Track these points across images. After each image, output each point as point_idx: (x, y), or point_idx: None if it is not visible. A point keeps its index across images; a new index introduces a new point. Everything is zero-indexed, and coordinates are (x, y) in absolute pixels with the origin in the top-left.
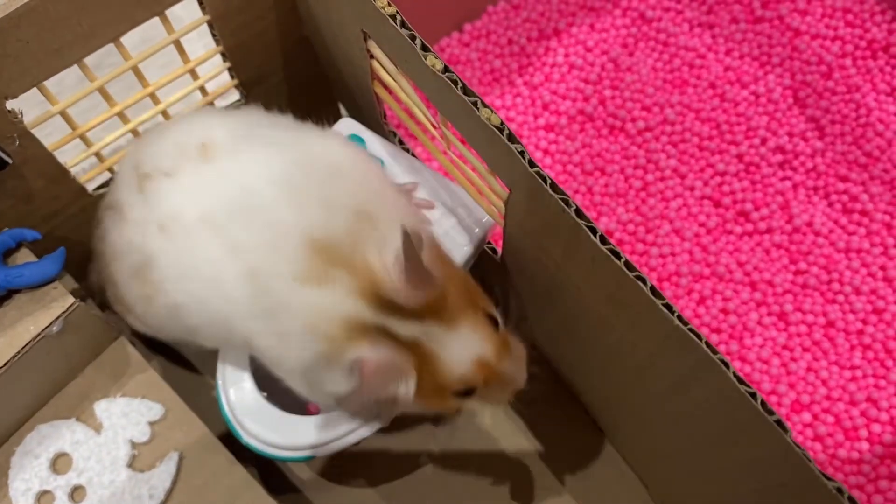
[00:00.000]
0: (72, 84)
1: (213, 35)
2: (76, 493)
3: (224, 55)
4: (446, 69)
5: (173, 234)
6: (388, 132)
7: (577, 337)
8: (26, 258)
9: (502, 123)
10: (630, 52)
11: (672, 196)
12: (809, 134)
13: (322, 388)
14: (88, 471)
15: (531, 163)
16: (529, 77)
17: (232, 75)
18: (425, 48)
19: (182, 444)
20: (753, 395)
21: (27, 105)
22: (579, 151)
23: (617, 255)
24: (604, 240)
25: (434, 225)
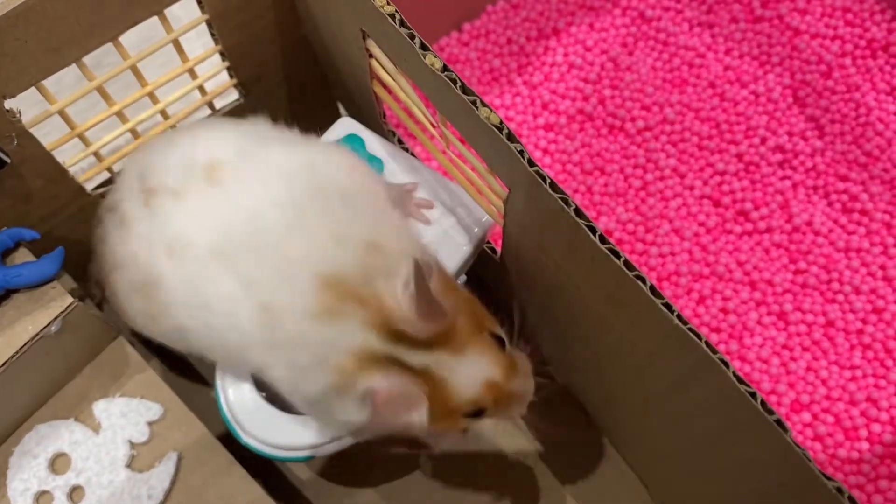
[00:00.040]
0: (71, 83)
1: (212, 34)
2: (75, 494)
3: (223, 54)
4: (445, 68)
5: (183, 261)
6: (388, 131)
7: (577, 336)
8: (25, 258)
9: (501, 122)
10: (629, 52)
11: (671, 195)
12: (809, 133)
13: (335, 417)
14: (87, 471)
15: (530, 162)
16: (529, 76)
17: (231, 75)
18: (424, 47)
19: (181, 445)
20: (753, 395)
21: (25, 104)
22: (579, 151)
23: (616, 255)
24: (603, 239)
25: (433, 224)
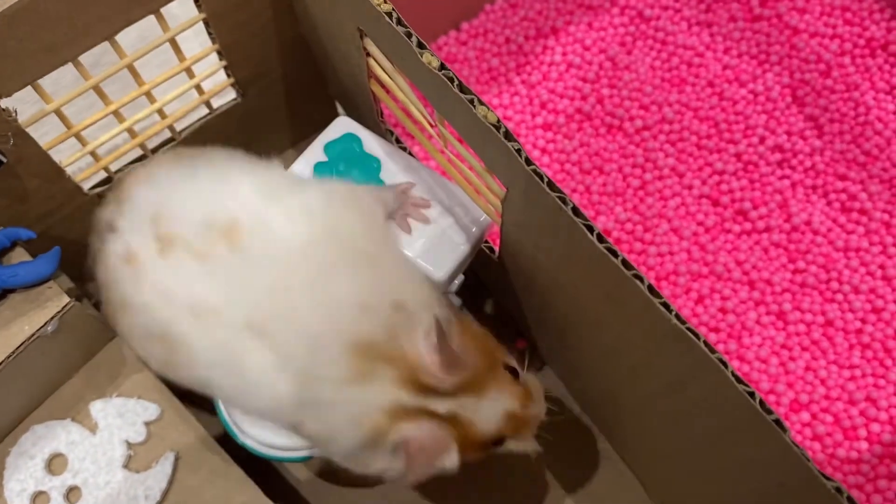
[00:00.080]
0: (69, 83)
1: (209, 33)
2: (71, 494)
3: (220, 53)
4: (443, 67)
5: (211, 327)
6: (385, 131)
7: (575, 336)
8: (21, 258)
9: (499, 121)
10: (628, 51)
11: (670, 195)
12: (808, 132)
13: (368, 466)
14: (84, 471)
15: (528, 161)
16: (527, 76)
17: (228, 74)
18: (421, 46)
19: (178, 445)
20: (752, 395)
21: (22, 104)
22: (577, 150)
23: (614, 254)
24: (601, 238)
25: (431, 224)
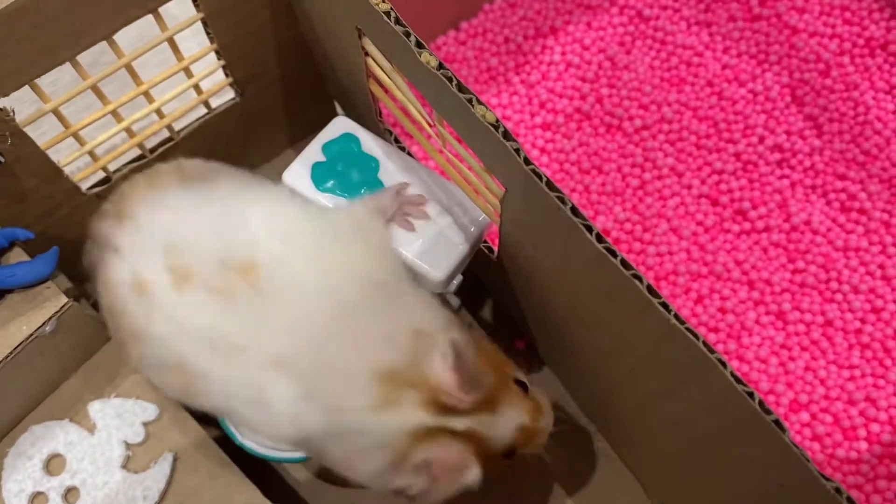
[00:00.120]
0: (67, 83)
1: (208, 33)
2: (70, 495)
3: (218, 53)
4: (441, 66)
5: (234, 362)
6: (384, 130)
7: (574, 336)
8: (19, 258)
9: (497, 121)
10: (627, 51)
11: (669, 195)
12: (807, 132)
13: (390, 486)
14: (82, 472)
15: (526, 160)
16: (526, 75)
17: (226, 73)
18: (420, 45)
19: (176, 445)
20: (751, 395)
21: (20, 103)
22: (576, 150)
23: (613, 254)
24: (600, 238)
25: (430, 224)
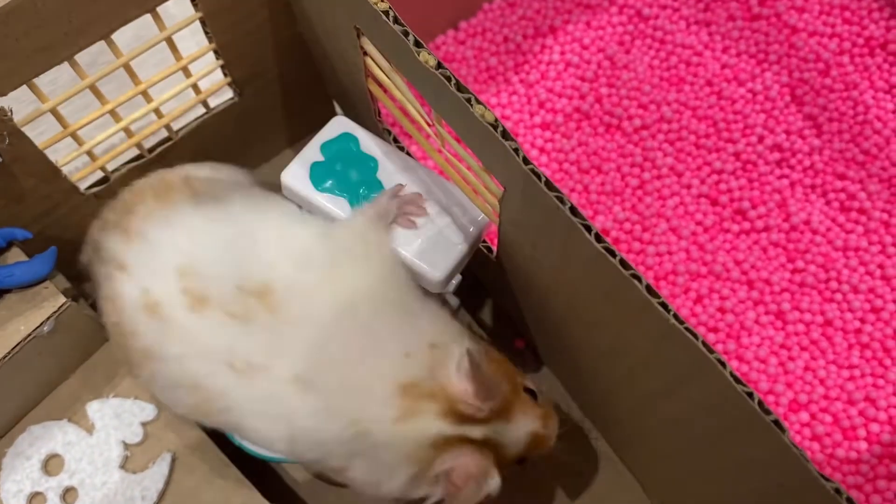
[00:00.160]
0: (65, 83)
1: (206, 32)
2: (68, 495)
3: (217, 53)
4: (440, 66)
5: (254, 380)
6: (383, 130)
7: (573, 335)
8: (17, 258)
9: (496, 120)
10: (626, 50)
11: (669, 194)
12: (807, 132)
13: (409, 496)
14: (80, 472)
15: (525, 160)
16: (525, 75)
17: (225, 73)
18: (418, 44)
19: (175, 445)
20: (750, 395)
21: (17, 103)
22: (575, 149)
23: (612, 254)
24: (599, 238)
25: (429, 223)
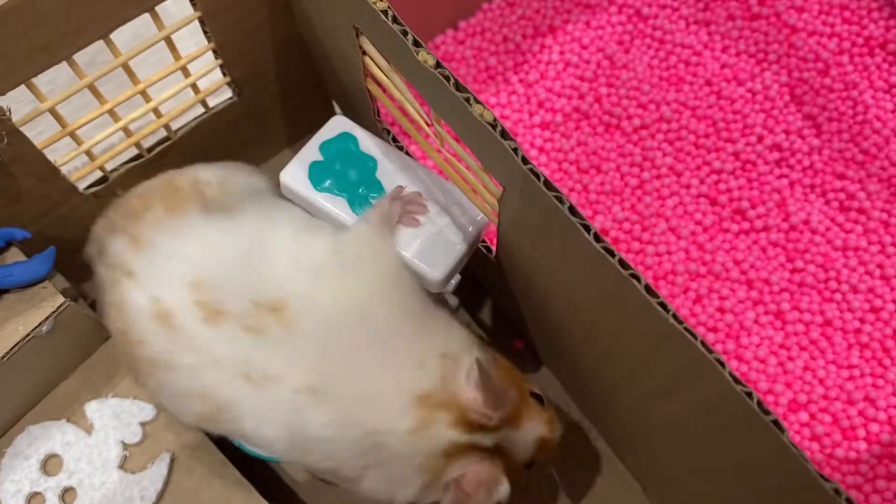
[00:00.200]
0: (64, 82)
1: (205, 32)
2: (67, 495)
3: (216, 52)
4: (438, 65)
5: (270, 393)
6: (382, 130)
7: (572, 336)
8: (16, 258)
9: (495, 120)
10: (626, 50)
11: (668, 194)
12: (806, 131)
13: (419, 502)
14: (79, 472)
15: (524, 160)
16: (525, 74)
17: (224, 73)
18: (417, 44)
19: (174, 445)
20: (749, 395)
21: (16, 103)
22: (575, 149)
23: (611, 254)
24: (598, 238)
25: (428, 223)
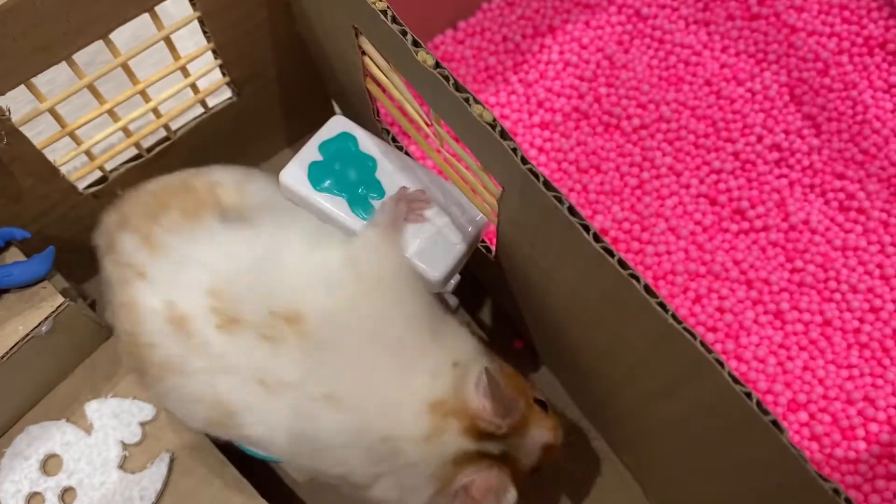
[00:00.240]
0: (63, 82)
1: (204, 32)
2: (66, 495)
3: (215, 52)
4: (438, 65)
5: (282, 396)
6: (382, 130)
7: (571, 336)
8: (15, 257)
9: (494, 120)
10: (625, 50)
11: (668, 194)
12: (806, 131)
13: None
14: (79, 472)
15: (523, 160)
16: (524, 74)
17: (223, 73)
18: (416, 44)
19: (173, 445)
20: (749, 395)
21: (15, 103)
22: (574, 149)
23: (610, 254)
24: (597, 238)
25: (427, 223)
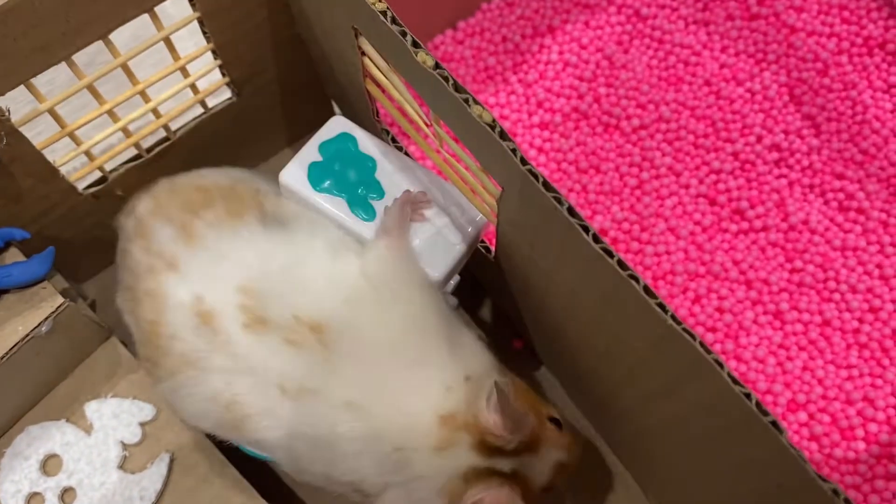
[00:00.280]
0: (63, 83)
1: (204, 32)
2: (66, 495)
3: (215, 53)
4: (437, 66)
5: (302, 402)
6: (381, 130)
7: (571, 336)
8: (15, 258)
9: (494, 121)
10: (625, 50)
11: (667, 194)
12: (805, 131)
13: None
14: (79, 472)
15: (523, 160)
16: (524, 75)
17: (223, 73)
18: (416, 44)
19: (173, 445)
20: (748, 396)
21: (15, 103)
22: (574, 149)
23: (610, 254)
24: (596, 238)
25: (427, 224)
